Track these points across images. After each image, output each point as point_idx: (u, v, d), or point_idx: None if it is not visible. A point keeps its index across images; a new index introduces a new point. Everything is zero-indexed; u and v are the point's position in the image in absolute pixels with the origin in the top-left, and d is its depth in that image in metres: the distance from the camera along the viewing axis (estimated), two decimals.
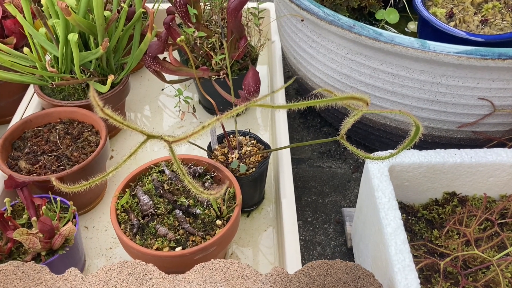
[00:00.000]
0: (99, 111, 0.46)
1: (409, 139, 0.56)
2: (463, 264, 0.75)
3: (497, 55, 0.78)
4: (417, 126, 0.54)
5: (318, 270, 0.64)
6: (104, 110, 0.46)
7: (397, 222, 0.69)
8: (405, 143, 0.57)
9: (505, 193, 0.84)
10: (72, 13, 0.89)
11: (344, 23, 0.86)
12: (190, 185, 0.53)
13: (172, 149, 0.52)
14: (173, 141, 0.52)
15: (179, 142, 0.52)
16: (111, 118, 0.48)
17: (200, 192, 0.54)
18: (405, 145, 0.57)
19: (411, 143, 0.57)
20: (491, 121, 0.89)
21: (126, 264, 0.65)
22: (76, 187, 0.54)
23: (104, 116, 0.47)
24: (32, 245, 0.76)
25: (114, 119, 0.48)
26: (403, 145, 0.58)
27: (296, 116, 1.30)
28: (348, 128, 0.59)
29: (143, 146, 0.54)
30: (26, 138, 0.99)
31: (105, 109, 0.47)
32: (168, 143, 0.52)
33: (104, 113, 0.46)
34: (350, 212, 1.00)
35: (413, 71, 0.85)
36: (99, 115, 0.47)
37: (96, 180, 0.54)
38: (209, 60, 1.12)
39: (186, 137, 0.51)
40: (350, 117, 0.57)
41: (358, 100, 0.48)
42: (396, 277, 0.64)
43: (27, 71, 1.02)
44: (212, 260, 0.65)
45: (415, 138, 0.55)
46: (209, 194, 0.54)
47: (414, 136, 0.55)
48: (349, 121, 0.58)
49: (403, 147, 0.58)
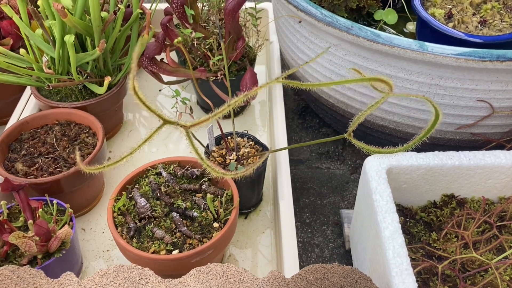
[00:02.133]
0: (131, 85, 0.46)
1: (427, 129, 0.56)
2: (461, 267, 0.74)
3: (496, 57, 0.77)
4: (436, 114, 0.53)
5: (315, 274, 0.63)
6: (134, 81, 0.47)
7: (394, 226, 0.69)
8: (422, 133, 0.56)
9: (503, 195, 0.84)
10: (68, 15, 0.88)
11: (342, 24, 0.86)
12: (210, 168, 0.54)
13: (189, 134, 0.53)
14: (190, 126, 0.52)
15: (195, 126, 0.52)
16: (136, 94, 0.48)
17: (222, 173, 0.55)
18: (422, 135, 0.56)
19: (428, 133, 0.56)
20: (490, 122, 0.89)
21: (122, 268, 0.65)
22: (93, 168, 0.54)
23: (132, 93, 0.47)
24: (28, 249, 0.75)
25: (138, 96, 0.48)
26: (418, 137, 0.57)
27: (295, 117, 1.29)
28: (344, 129, 0.59)
29: (159, 131, 0.54)
30: (23, 140, 0.98)
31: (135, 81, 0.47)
32: (185, 128, 0.52)
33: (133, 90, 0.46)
34: (349, 214, 1.00)
35: (411, 72, 0.85)
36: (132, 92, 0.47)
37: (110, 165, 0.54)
38: (206, 61, 1.12)
39: (200, 121, 0.51)
40: (368, 107, 0.57)
41: (383, 83, 0.48)
42: (394, 280, 0.64)
43: (24, 72, 1.01)
44: (209, 264, 0.65)
45: (433, 128, 0.54)
46: (234, 173, 0.55)
47: (432, 125, 0.54)
48: (365, 113, 0.57)
49: (418, 138, 0.57)
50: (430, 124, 0.55)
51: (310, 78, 1.04)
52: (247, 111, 1.24)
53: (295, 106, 1.32)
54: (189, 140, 0.53)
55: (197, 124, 0.51)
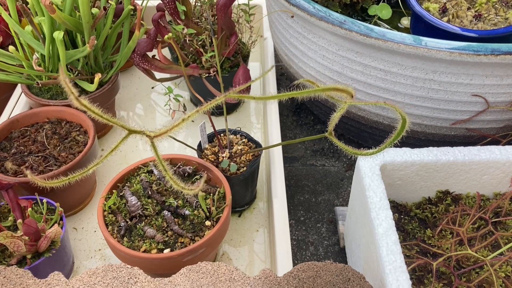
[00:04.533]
0: (74, 99, 0.44)
1: (396, 132, 0.55)
2: (456, 264, 0.73)
3: (490, 51, 0.76)
4: (403, 118, 0.52)
5: (308, 272, 0.62)
6: (80, 100, 0.44)
7: (388, 223, 0.68)
8: (392, 137, 0.56)
9: (499, 191, 0.83)
10: (57, 11, 0.87)
11: (334, 19, 0.85)
12: (172, 181, 0.52)
13: (154, 144, 0.50)
14: (155, 136, 0.50)
15: (160, 137, 0.50)
16: (89, 110, 0.46)
17: (181, 187, 0.52)
18: (392, 139, 0.56)
19: (398, 137, 0.55)
20: (485, 118, 0.88)
21: (111, 267, 0.63)
22: (55, 182, 0.52)
23: (81, 107, 0.45)
24: (17, 249, 0.74)
25: (92, 111, 0.46)
26: (389, 140, 0.56)
27: (289, 114, 1.28)
28: (339, 125, 0.58)
29: (124, 141, 0.52)
30: (13, 138, 0.97)
31: (82, 99, 0.44)
32: (150, 139, 0.50)
33: (80, 103, 0.44)
34: (343, 211, 0.99)
35: (405, 67, 0.83)
36: (75, 105, 0.44)
37: (73, 177, 0.52)
38: (199, 57, 1.10)
39: (166, 131, 0.49)
40: (337, 111, 0.56)
41: (341, 92, 0.46)
42: (387, 278, 0.63)
43: (14, 70, 1.00)
44: (199, 263, 0.64)
45: (402, 132, 0.54)
46: (190, 189, 0.52)
47: (400, 129, 0.54)
48: (336, 116, 0.56)
49: (389, 142, 0.56)
50: (398, 129, 0.54)
51: (304, 74, 1.03)
52: (241, 109, 1.23)
53: (290, 103, 1.31)
54: (154, 150, 0.50)
55: (161, 134, 0.49)
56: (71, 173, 0.89)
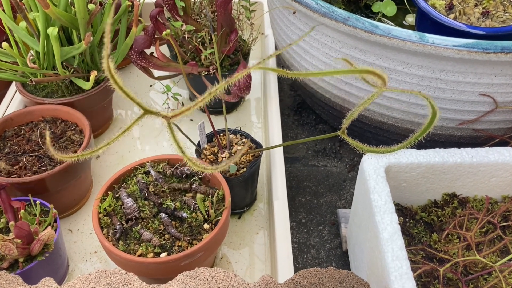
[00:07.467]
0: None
1: (423, 127, 0.51)
2: (463, 270, 0.71)
3: (500, 49, 0.73)
4: (433, 112, 0.49)
5: (309, 279, 0.60)
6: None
7: (394, 227, 0.65)
8: (418, 133, 0.52)
9: (507, 194, 0.80)
10: (51, 6, 0.84)
11: (338, 15, 0.82)
12: (190, 162, 0.49)
13: (171, 125, 0.48)
14: (172, 116, 0.47)
15: (178, 117, 0.47)
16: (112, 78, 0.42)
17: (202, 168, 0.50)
18: (418, 134, 0.52)
19: (424, 133, 0.52)
20: (493, 118, 0.85)
21: (105, 273, 0.61)
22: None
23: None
24: (8, 252, 0.72)
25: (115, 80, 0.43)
26: (414, 136, 0.53)
27: (290, 114, 1.25)
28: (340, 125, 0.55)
29: (139, 121, 0.49)
30: (6, 137, 0.94)
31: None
32: (167, 119, 0.47)
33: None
34: (346, 213, 0.96)
35: (411, 65, 0.81)
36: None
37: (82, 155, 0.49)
38: (198, 55, 1.08)
39: (184, 111, 0.46)
40: (361, 104, 0.52)
41: (376, 76, 0.44)
42: (393, 285, 0.60)
43: (8, 67, 0.97)
44: (197, 269, 0.61)
45: (429, 127, 0.50)
46: (212, 169, 0.50)
47: (428, 124, 0.50)
48: (356, 110, 0.53)
49: (414, 137, 0.53)
50: (426, 123, 0.51)
51: (305, 72, 1.00)
52: (241, 108, 1.20)
53: (291, 102, 1.28)
54: (171, 132, 0.48)
55: (179, 114, 0.46)
56: (66, 173, 0.88)
